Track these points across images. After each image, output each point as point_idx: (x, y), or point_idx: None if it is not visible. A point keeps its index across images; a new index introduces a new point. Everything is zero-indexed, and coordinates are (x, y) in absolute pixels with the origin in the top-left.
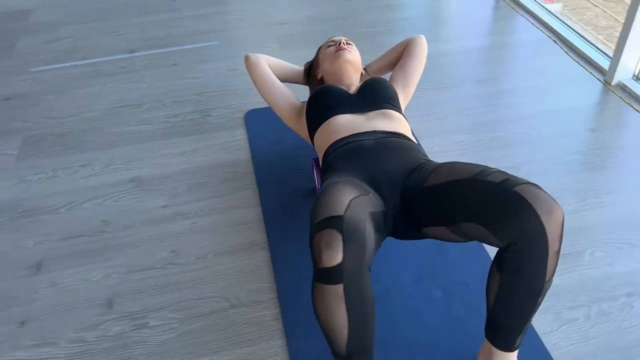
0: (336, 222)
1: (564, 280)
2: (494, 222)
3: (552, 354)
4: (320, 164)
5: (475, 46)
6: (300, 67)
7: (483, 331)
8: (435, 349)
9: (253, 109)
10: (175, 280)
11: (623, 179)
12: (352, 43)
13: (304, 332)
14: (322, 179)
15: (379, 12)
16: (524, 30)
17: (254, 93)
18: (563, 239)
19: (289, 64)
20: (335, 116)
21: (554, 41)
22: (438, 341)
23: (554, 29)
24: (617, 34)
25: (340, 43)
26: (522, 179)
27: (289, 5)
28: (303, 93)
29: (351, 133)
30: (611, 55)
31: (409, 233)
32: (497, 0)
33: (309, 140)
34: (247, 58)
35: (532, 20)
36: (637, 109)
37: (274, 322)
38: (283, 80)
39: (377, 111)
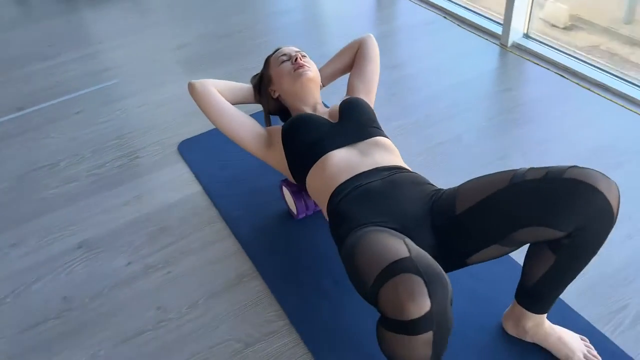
0: (409, 265)
1: None
2: (554, 216)
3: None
4: (326, 210)
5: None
6: (247, 85)
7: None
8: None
9: (184, 140)
10: (174, 337)
11: (551, 125)
12: (306, 54)
13: (329, 347)
14: (341, 229)
15: (270, 19)
16: (412, 13)
17: (176, 123)
18: None
19: (235, 83)
20: (327, 154)
21: (444, 17)
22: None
23: (441, 7)
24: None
25: (296, 58)
26: (561, 166)
27: (173, 30)
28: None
29: (352, 175)
30: (501, 22)
31: (450, 266)
32: None
33: (287, 173)
34: (192, 86)
35: (416, 1)
36: (535, 62)
37: (296, 348)
38: (234, 104)
39: (367, 141)
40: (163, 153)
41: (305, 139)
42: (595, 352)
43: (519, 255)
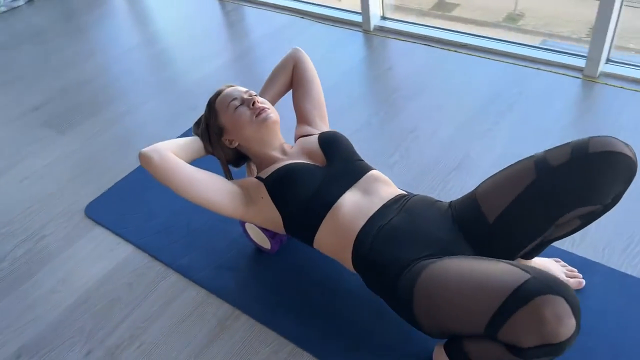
0: (539, 286)
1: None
2: (597, 193)
3: None
4: (350, 262)
5: (232, 57)
6: (191, 138)
7: None
8: None
9: (89, 203)
10: None
11: (440, 90)
12: (257, 94)
13: (346, 356)
14: (387, 277)
15: (124, 57)
16: (266, 21)
17: (72, 187)
18: None
19: (179, 139)
20: (333, 208)
21: (302, 17)
22: None
23: (293, 8)
24: None
25: (254, 102)
26: (580, 141)
27: (26, 90)
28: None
29: (368, 218)
30: (360, 11)
31: None
32: (223, 6)
33: (277, 227)
34: (146, 157)
35: (265, 8)
36: (402, 39)
37: None
38: (189, 163)
39: (364, 179)
40: (71, 224)
41: (302, 194)
42: (571, 268)
43: None
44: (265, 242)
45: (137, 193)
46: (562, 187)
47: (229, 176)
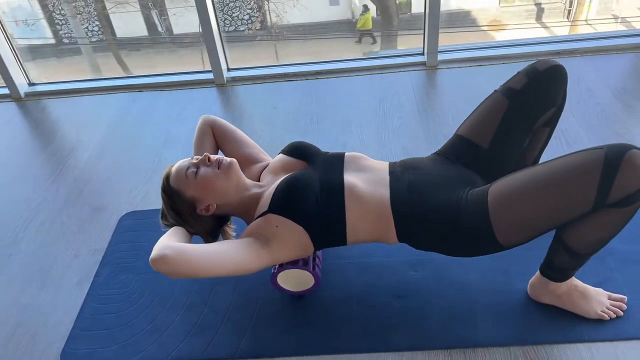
0: (618, 148)
1: None
2: (551, 98)
3: None
4: (401, 230)
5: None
6: (174, 229)
7: None
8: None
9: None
10: None
11: (335, 108)
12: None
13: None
14: (447, 219)
15: None
16: (102, 108)
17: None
18: None
19: (167, 235)
20: (347, 191)
21: (141, 91)
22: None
23: (136, 84)
24: None
25: (208, 158)
26: (527, 67)
27: None
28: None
29: (388, 187)
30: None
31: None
32: (23, 106)
33: (306, 247)
34: (160, 258)
35: (84, 94)
36: (247, 83)
37: None
38: None
39: (347, 162)
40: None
41: (311, 195)
42: (617, 298)
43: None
44: (305, 281)
45: None
46: (530, 102)
47: (212, 240)
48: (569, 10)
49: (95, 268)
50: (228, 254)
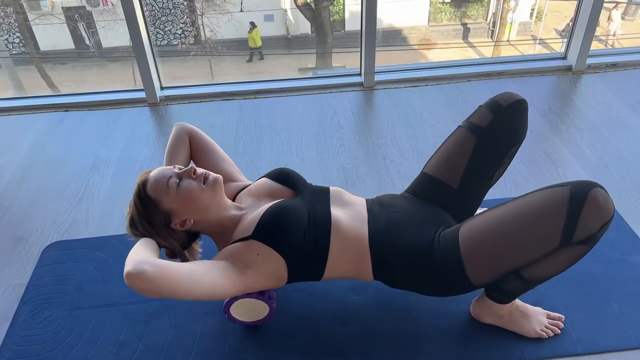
0: (582, 185)
1: None
2: (517, 133)
3: None
4: (377, 267)
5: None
6: (144, 240)
7: None
8: None
9: None
10: None
11: (270, 128)
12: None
13: None
14: (419, 259)
15: None
16: (20, 126)
17: None
18: None
19: (137, 247)
20: (334, 226)
21: (65, 110)
22: None
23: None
24: None
25: (194, 171)
26: (488, 102)
27: None
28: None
29: (367, 224)
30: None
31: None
32: None
33: (279, 279)
34: (136, 274)
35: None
36: (187, 102)
37: None
38: None
39: (332, 195)
40: None
41: (299, 228)
42: (555, 317)
43: None
44: (259, 311)
45: None
46: (497, 138)
47: (185, 259)
48: (493, 31)
49: (15, 305)
50: (206, 275)
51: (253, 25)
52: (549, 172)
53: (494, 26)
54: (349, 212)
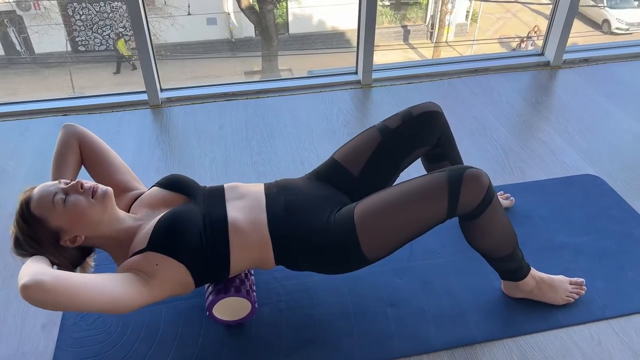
0: (457, 169)
1: None
2: (420, 139)
3: None
4: (278, 253)
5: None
6: (34, 259)
7: None
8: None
9: None
10: None
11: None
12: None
13: None
14: (318, 239)
15: None
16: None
17: None
18: None
19: (28, 264)
20: (230, 223)
21: (76, 114)
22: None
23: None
24: None
25: (81, 186)
26: (405, 110)
27: None
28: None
29: (265, 211)
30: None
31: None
32: None
33: (186, 285)
34: (35, 285)
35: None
36: (184, 104)
37: None
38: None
39: (226, 191)
40: None
41: (195, 231)
42: (576, 282)
43: None
44: (242, 309)
45: None
46: (400, 141)
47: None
48: (432, 32)
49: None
50: (109, 286)
51: (118, 35)
52: (549, 158)
53: (432, 28)
54: (246, 203)
